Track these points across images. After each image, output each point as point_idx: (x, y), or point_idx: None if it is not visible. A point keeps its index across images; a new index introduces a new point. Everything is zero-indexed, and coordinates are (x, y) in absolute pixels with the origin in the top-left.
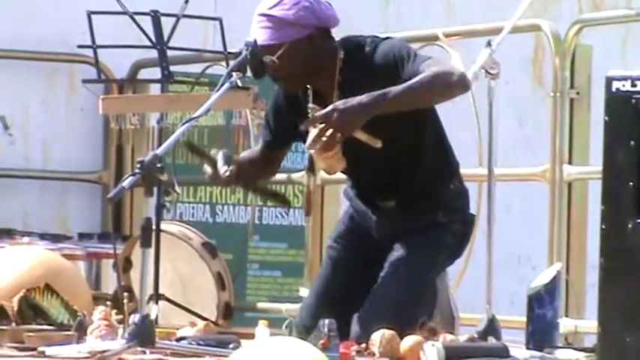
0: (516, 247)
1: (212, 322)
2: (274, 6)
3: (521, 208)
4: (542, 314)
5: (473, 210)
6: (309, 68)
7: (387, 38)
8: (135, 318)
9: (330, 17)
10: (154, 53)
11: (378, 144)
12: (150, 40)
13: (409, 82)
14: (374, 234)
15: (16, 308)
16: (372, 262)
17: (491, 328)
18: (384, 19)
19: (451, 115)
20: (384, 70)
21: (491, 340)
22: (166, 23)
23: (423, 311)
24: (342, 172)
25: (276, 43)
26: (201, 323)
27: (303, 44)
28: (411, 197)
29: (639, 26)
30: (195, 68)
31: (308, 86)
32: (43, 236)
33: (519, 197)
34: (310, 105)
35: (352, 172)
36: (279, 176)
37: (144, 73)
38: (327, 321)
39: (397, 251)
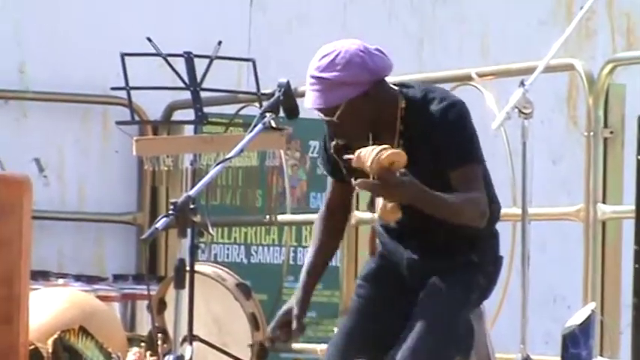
0: (551, 287)
1: None
2: (326, 67)
3: (556, 247)
4: (576, 354)
5: (507, 249)
6: (369, 121)
7: (454, 101)
8: (169, 359)
9: (383, 67)
10: (187, 94)
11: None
12: (183, 81)
13: (454, 200)
14: (404, 272)
15: (50, 350)
16: (402, 301)
17: None
18: (419, 58)
19: (486, 154)
20: (438, 125)
21: None
22: (200, 64)
23: (458, 350)
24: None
25: (332, 106)
26: None
27: (361, 101)
28: (446, 238)
29: None
30: (229, 109)
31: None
32: (78, 278)
33: (554, 236)
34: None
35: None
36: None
37: (178, 115)
38: None
39: (430, 290)
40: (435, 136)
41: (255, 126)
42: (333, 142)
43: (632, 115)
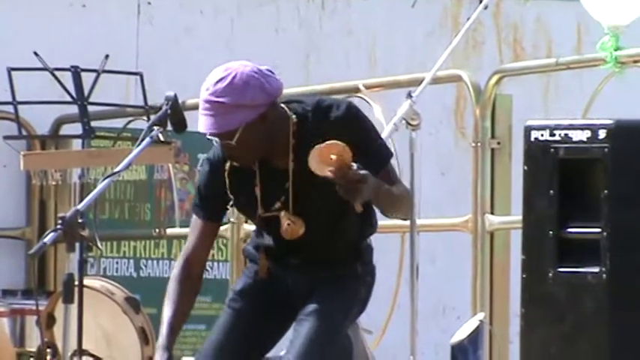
0: (441, 297)
1: None
2: (222, 91)
3: (445, 258)
4: None
5: (397, 260)
6: (263, 142)
7: (348, 104)
8: None
9: (277, 88)
10: (75, 109)
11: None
12: (71, 95)
13: (399, 192)
14: (290, 287)
15: None
16: (276, 318)
17: None
18: (306, 71)
19: None
20: (342, 134)
21: None
22: (87, 79)
23: None
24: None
25: (228, 131)
26: None
27: (258, 123)
28: (333, 252)
29: (560, 75)
30: (117, 123)
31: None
32: None
33: (443, 247)
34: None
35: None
36: None
37: (66, 129)
38: None
39: (313, 301)
40: (344, 142)
41: (142, 139)
42: (227, 164)
43: (519, 125)
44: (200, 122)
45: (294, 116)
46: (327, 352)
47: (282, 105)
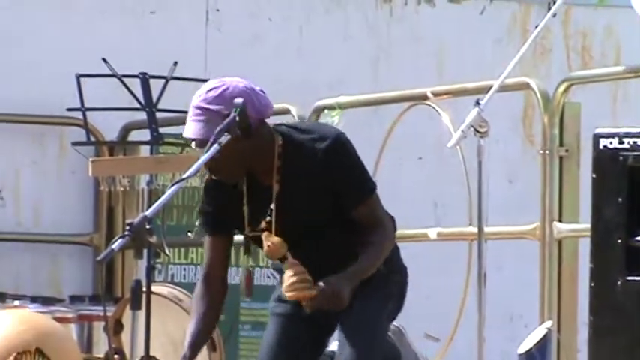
0: (508, 305)
1: None
2: (213, 99)
3: (512, 266)
4: None
5: (464, 268)
6: (247, 159)
7: (336, 134)
8: None
9: (266, 107)
10: (143, 115)
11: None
12: (139, 102)
13: (375, 257)
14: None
15: None
16: (321, 316)
17: None
18: (375, 77)
19: (442, 173)
20: (324, 166)
21: None
22: (156, 85)
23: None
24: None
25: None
26: None
27: (241, 138)
28: (345, 260)
29: (629, 83)
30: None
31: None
32: (34, 299)
33: (511, 255)
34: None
35: (294, 253)
36: None
37: (134, 135)
38: None
39: (349, 307)
40: (325, 172)
41: (211, 146)
42: (206, 178)
43: (587, 133)
44: (186, 128)
45: (280, 138)
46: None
47: (272, 126)
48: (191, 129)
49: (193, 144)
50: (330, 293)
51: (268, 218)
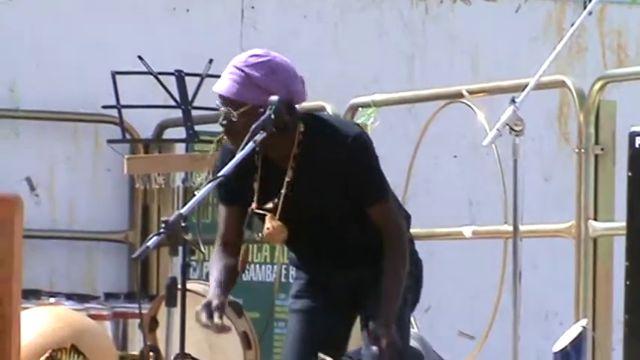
0: (543, 303)
1: None
2: (252, 65)
3: (547, 264)
4: None
5: (499, 266)
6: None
7: (359, 132)
8: None
9: (299, 93)
10: (178, 113)
11: None
12: (174, 99)
13: (399, 275)
14: (334, 287)
15: None
16: (340, 308)
17: None
18: (410, 75)
19: (477, 171)
20: (343, 162)
21: None
22: (191, 83)
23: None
24: (288, 242)
25: (239, 100)
26: None
27: (264, 111)
28: (363, 249)
29: None
30: (220, 128)
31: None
32: (69, 296)
33: (546, 253)
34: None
35: (301, 243)
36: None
37: (169, 133)
38: None
39: (370, 301)
40: (343, 168)
41: (246, 144)
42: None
43: (623, 131)
44: (219, 83)
45: (302, 126)
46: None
47: (299, 113)
48: (223, 85)
49: (219, 100)
50: (389, 352)
51: (276, 200)
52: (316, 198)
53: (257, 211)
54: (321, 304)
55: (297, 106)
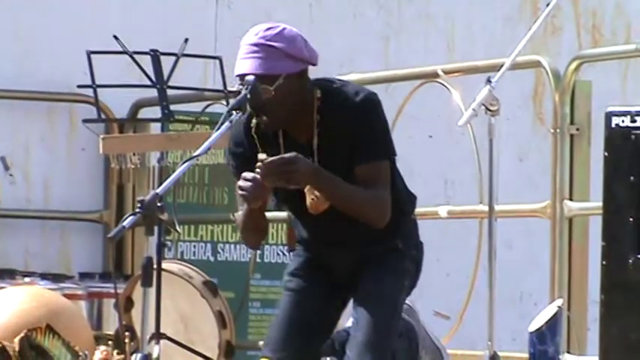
0: (518, 284)
1: None
2: (273, 37)
3: (522, 244)
4: (543, 350)
5: (474, 247)
6: (296, 103)
7: (369, 93)
8: (136, 357)
9: (316, 55)
10: (154, 92)
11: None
12: (150, 79)
13: (356, 192)
14: (335, 267)
15: (17, 349)
16: (333, 291)
17: None
18: (385, 55)
19: (452, 151)
20: (354, 120)
21: None
22: (166, 62)
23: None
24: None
25: (273, 74)
26: None
27: (296, 78)
28: (365, 228)
29: (639, 61)
30: (196, 107)
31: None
32: (44, 276)
33: (521, 233)
34: (262, 156)
35: (304, 219)
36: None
37: (144, 112)
38: None
39: (364, 282)
40: (351, 128)
41: (221, 124)
42: (253, 122)
43: (599, 111)
44: (242, 64)
45: (318, 92)
46: (389, 334)
47: (314, 80)
48: (251, 65)
49: (241, 82)
50: (284, 161)
51: None
52: (341, 162)
53: (292, 187)
54: (315, 285)
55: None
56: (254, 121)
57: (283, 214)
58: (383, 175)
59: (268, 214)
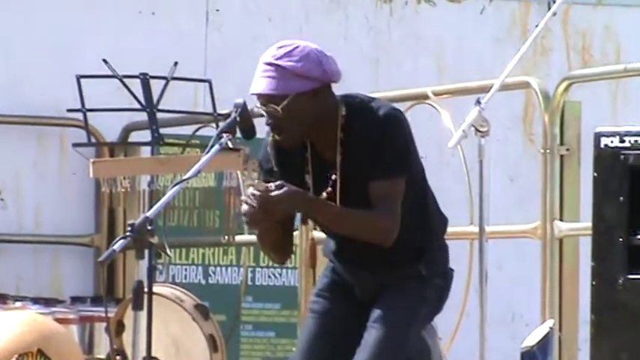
0: (510, 304)
1: None
2: (282, 56)
3: (513, 265)
4: None
5: (465, 268)
6: (311, 122)
7: (392, 109)
8: None
9: (335, 72)
10: (144, 116)
11: None
12: (140, 102)
13: (351, 217)
14: (356, 288)
15: None
16: (358, 314)
17: None
18: (375, 77)
19: (443, 172)
20: (376, 141)
21: None
22: (156, 86)
23: None
24: (322, 230)
25: (281, 94)
26: None
27: (308, 97)
28: (393, 251)
29: (628, 81)
30: (186, 130)
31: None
32: (35, 300)
33: (512, 254)
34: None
35: (330, 235)
36: None
37: (135, 136)
38: None
39: (378, 307)
40: (372, 144)
41: (211, 147)
42: (270, 137)
43: (588, 132)
44: (254, 84)
45: (343, 109)
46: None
47: (337, 96)
48: (261, 85)
49: (258, 102)
50: (265, 197)
51: (330, 189)
52: (360, 180)
53: None
54: (339, 307)
55: None
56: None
57: None
58: (394, 192)
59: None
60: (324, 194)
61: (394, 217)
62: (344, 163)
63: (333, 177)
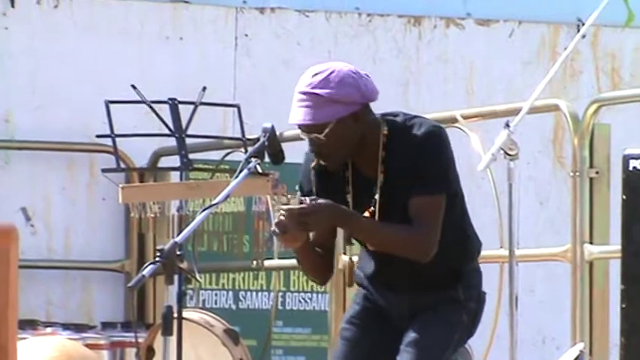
0: (540, 328)
1: None
2: (318, 83)
3: (544, 288)
4: None
5: (495, 291)
6: (354, 144)
7: (433, 126)
8: None
9: (372, 91)
10: (173, 141)
11: None
12: (168, 128)
13: (391, 234)
14: (392, 312)
15: None
16: (387, 341)
17: None
18: (404, 100)
19: (472, 195)
20: (417, 159)
21: None
22: (185, 111)
23: None
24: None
25: (321, 122)
26: None
27: (349, 121)
28: (432, 272)
29: None
30: (215, 155)
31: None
32: (66, 326)
33: (542, 277)
34: (302, 198)
35: (369, 253)
36: None
37: (164, 161)
38: None
39: (412, 330)
40: (414, 162)
41: (240, 171)
42: (313, 163)
43: (617, 154)
44: (293, 114)
45: (385, 128)
46: None
47: (378, 115)
48: (297, 115)
49: (300, 130)
50: (300, 211)
51: (372, 208)
52: (401, 199)
53: None
54: (369, 335)
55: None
56: (312, 163)
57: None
58: (434, 208)
59: (290, 262)
60: (366, 213)
61: (433, 234)
62: (385, 181)
63: (375, 195)
